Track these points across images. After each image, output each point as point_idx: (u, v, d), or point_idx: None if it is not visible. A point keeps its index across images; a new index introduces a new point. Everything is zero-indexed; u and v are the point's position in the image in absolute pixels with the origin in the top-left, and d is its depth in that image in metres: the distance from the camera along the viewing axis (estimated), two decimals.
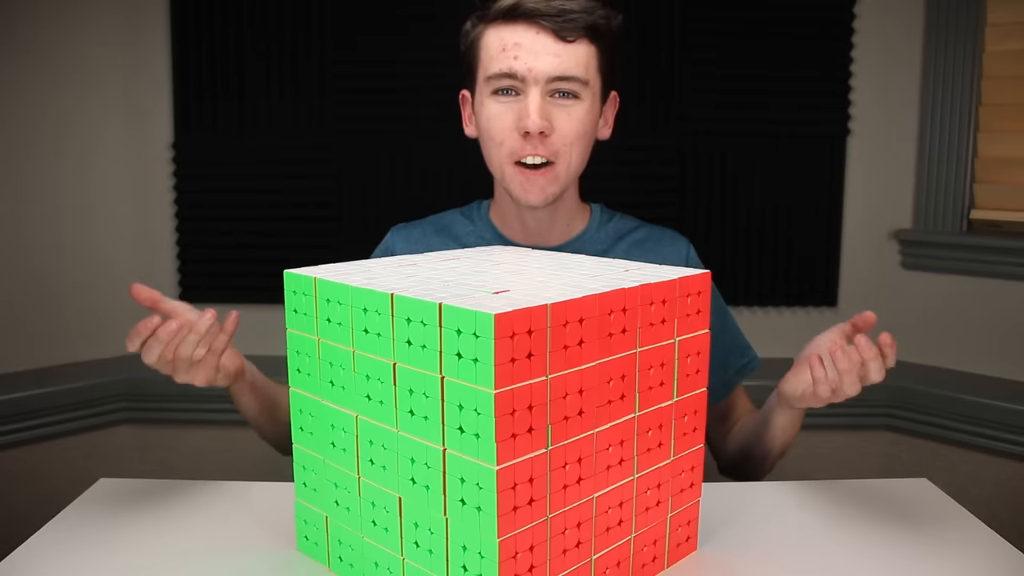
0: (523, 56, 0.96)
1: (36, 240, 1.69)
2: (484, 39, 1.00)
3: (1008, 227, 1.67)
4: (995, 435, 1.55)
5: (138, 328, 0.86)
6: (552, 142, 0.98)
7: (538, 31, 0.96)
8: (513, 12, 0.96)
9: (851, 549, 0.77)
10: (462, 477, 0.58)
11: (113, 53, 1.73)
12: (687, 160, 1.73)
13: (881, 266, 1.78)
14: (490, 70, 0.98)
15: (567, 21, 0.96)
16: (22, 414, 1.58)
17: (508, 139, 0.99)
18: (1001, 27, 1.64)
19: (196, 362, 0.87)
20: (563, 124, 0.98)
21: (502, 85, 0.98)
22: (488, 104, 1.00)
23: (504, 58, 0.97)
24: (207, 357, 0.88)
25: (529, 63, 0.96)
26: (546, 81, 0.96)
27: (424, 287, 0.62)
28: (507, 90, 0.98)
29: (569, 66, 0.96)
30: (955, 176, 1.69)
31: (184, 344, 0.86)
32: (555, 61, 0.96)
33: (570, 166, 1.01)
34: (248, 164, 1.75)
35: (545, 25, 0.95)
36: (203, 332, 0.86)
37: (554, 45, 0.96)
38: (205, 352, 0.87)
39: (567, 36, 0.96)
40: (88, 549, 0.76)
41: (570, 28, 0.96)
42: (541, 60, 0.96)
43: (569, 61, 0.96)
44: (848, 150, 1.75)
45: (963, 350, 1.71)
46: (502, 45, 0.97)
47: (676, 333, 0.68)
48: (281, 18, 1.70)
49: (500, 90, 0.98)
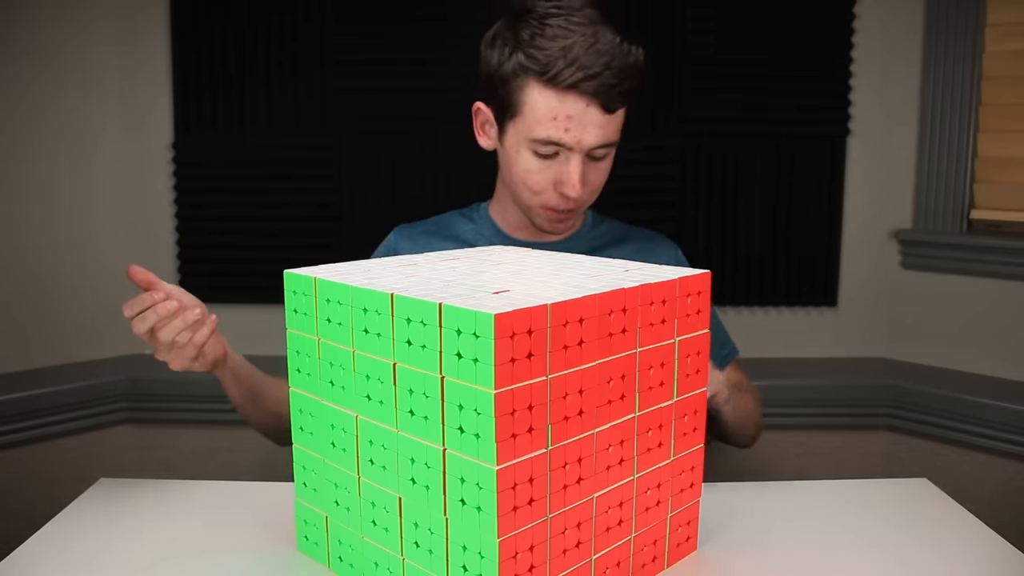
0: (573, 129, 1.00)
1: (35, 240, 1.69)
2: (530, 95, 1.00)
3: (1008, 227, 1.67)
4: (995, 435, 1.55)
5: (142, 299, 0.88)
6: (584, 194, 1.05)
7: (588, 103, 0.99)
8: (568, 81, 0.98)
9: (851, 549, 0.77)
10: (462, 477, 0.58)
11: (112, 53, 1.73)
12: (687, 160, 1.73)
13: (881, 266, 1.78)
14: (536, 133, 1.01)
15: (612, 97, 0.99)
16: (22, 414, 1.58)
17: (545, 192, 1.06)
18: (1001, 27, 1.64)
19: (176, 346, 0.90)
20: (593, 178, 1.06)
21: (546, 151, 1.02)
22: (527, 157, 1.04)
23: (554, 127, 1.00)
24: (187, 346, 0.91)
25: (578, 136, 1.00)
26: (589, 149, 1.02)
27: (424, 287, 0.62)
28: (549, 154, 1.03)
29: (609, 134, 1.02)
30: (955, 176, 1.69)
31: (168, 328, 0.89)
32: (600, 133, 1.01)
33: (591, 202, 1.11)
34: (248, 164, 1.75)
35: (596, 101, 0.99)
36: (190, 322, 0.90)
37: (600, 117, 1.00)
38: (187, 341, 0.91)
39: (612, 108, 1.00)
40: (88, 549, 0.76)
41: (616, 101, 1.00)
42: (588, 133, 1.00)
43: (610, 130, 1.02)
44: (848, 150, 1.75)
45: (963, 350, 1.71)
46: (552, 114, 0.99)
47: (676, 333, 0.68)
48: (281, 18, 1.70)
49: (542, 152, 1.03)
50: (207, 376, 1.21)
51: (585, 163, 1.03)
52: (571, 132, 1.00)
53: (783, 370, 1.71)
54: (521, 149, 1.04)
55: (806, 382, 1.69)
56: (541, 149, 1.02)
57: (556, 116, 0.99)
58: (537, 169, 1.04)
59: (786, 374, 1.69)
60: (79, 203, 1.73)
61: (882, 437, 1.70)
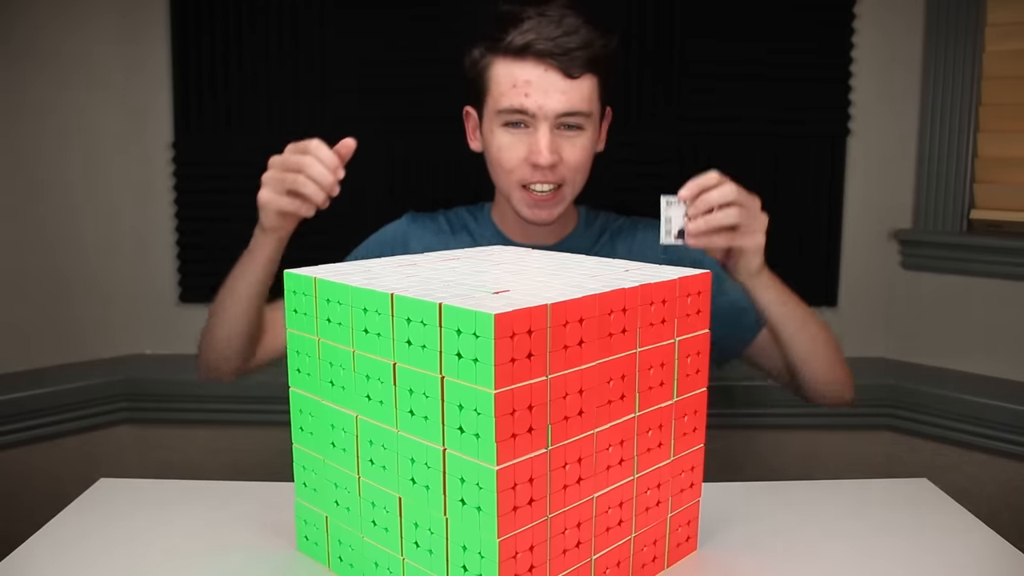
0: (533, 94, 1.02)
1: (35, 240, 1.69)
2: (494, 71, 1.05)
3: (1008, 227, 1.67)
4: (995, 435, 1.55)
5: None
6: (560, 170, 1.06)
7: (546, 68, 1.02)
8: (525, 50, 1.02)
9: (851, 549, 0.77)
10: (462, 477, 0.58)
11: (113, 52, 1.73)
12: (687, 160, 1.73)
13: (881, 266, 1.78)
14: (501, 104, 1.04)
15: (572, 59, 1.01)
16: (22, 414, 1.58)
17: (518, 168, 1.06)
18: (1001, 27, 1.64)
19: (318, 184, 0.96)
20: (569, 154, 1.06)
21: (512, 120, 1.05)
22: (499, 134, 1.06)
23: (515, 95, 1.02)
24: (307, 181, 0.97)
25: (539, 100, 1.02)
26: (555, 117, 1.03)
27: (424, 287, 0.62)
28: (517, 123, 1.05)
29: (575, 102, 1.03)
30: (955, 176, 1.69)
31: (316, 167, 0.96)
32: (563, 98, 1.02)
33: (575, 188, 1.10)
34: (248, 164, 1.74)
35: (552, 64, 1.01)
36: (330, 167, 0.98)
37: (562, 82, 1.02)
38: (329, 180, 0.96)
39: (573, 73, 1.02)
40: (88, 549, 0.76)
41: (576, 65, 1.02)
42: (550, 98, 1.02)
43: (575, 97, 1.03)
44: (848, 150, 1.75)
45: (963, 350, 1.70)
46: (512, 81, 1.03)
47: (676, 333, 0.68)
48: (281, 17, 1.70)
49: (511, 123, 1.05)
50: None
51: (556, 134, 1.04)
52: (531, 97, 1.02)
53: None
54: (494, 128, 1.07)
55: None
56: (509, 119, 1.04)
57: (516, 83, 1.02)
58: (508, 144, 1.06)
59: None
60: (79, 203, 1.73)
61: (882, 437, 1.70)
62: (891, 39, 1.71)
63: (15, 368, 1.68)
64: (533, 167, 1.05)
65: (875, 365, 1.76)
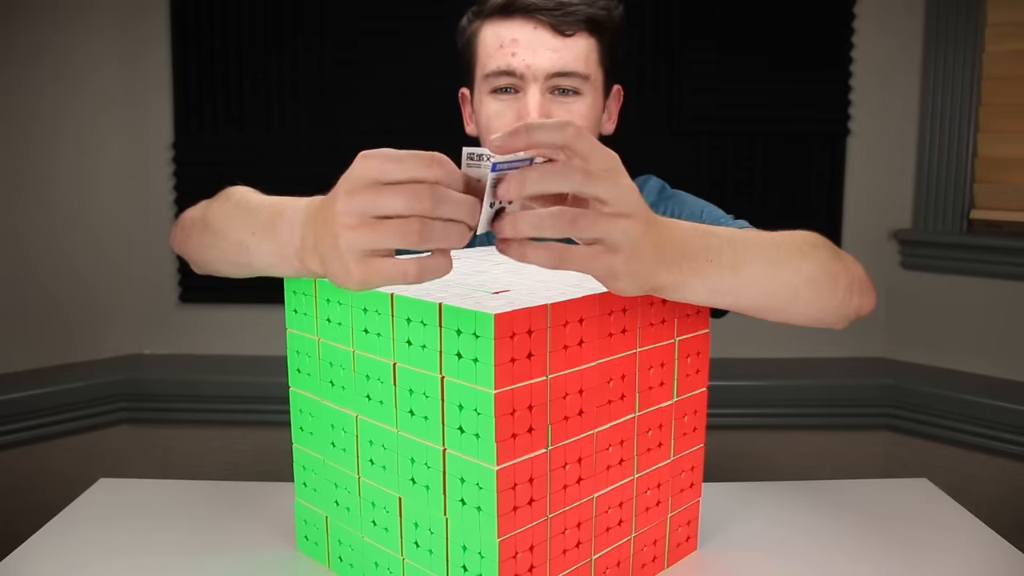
0: (521, 52, 0.93)
1: (35, 240, 1.69)
2: (481, 35, 0.98)
3: (1008, 227, 1.67)
4: (995, 435, 1.55)
5: None
6: None
7: (535, 26, 0.93)
8: (510, 7, 0.94)
9: (851, 549, 0.77)
10: (462, 477, 0.58)
11: (113, 53, 1.73)
12: (687, 160, 1.73)
13: (881, 266, 1.78)
14: (488, 68, 0.96)
15: (565, 15, 0.93)
16: (22, 414, 1.58)
17: None
18: (1001, 27, 1.64)
19: None
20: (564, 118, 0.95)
21: (500, 84, 0.96)
22: (487, 102, 0.98)
23: (502, 55, 0.94)
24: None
25: (527, 59, 0.93)
26: (545, 77, 0.94)
27: (424, 287, 0.62)
28: (506, 88, 0.96)
29: (568, 61, 0.94)
30: (955, 176, 1.69)
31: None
32: (554, 56, 0.93)
33: None
34: (248, 164, 1.75)
35: (543, 19, 0.93)
36: None
37: (552, 40, 0.93)
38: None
39: (566, 30, 0.94)
40: (88, 549, 0.76)
41: (569, 22, 0.93)
42: (539, 56, 0.93)
43: (568, 56, 0.94)
44: (848, 150, 1.75)
45: (963, 350, 1.70)
46: (499, 42, 0.95)
47: (676, 333, 0.68)
48: (281, 17, 1.70)
49: (499, 88, 0.96)
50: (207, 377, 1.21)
51: (549, 99, 0.95)
52: (519, 56, 0.93)
53: (783, 370, 1.71)
54: (483, 97, 0.98)
55: (806, 382, 1.69)
56: (498, 83, 0.95)
57: (503, 43, 0.94)
58: (497, 112, 0.96)
59: (786, 374, 1.69)
60: (80, 203, 1.73)
61: (882, 437, 1.69)
62: (891, 39, 1.71)
63: (15, 368, 1.68)
64: None
65: (875, 365, 1.76)
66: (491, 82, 0.96)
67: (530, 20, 0.94)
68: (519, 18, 0.94)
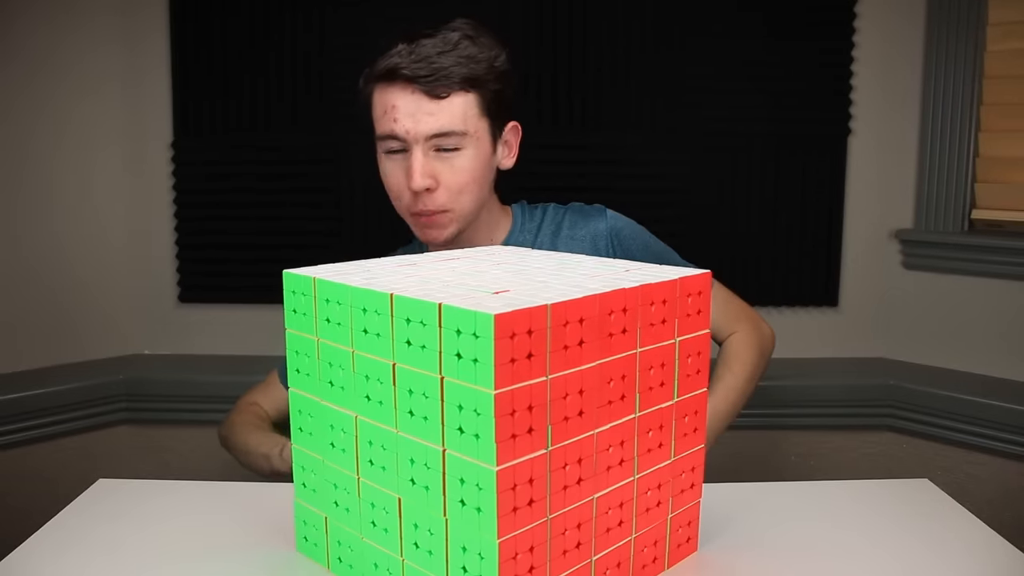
0: (401, 119, 1.01)
1: (35, 240, 1.69)
2: (373, 99, 1.06)
3: (1009, 227, 1.67)
4: (995, 435, 1.55)
5: None
6: (439, 196, 1.04)
7: (412, 91, 1.01)
8: (391, 75, 1.02)
9: (851, 550, 0.77)
10: (462, 478, 0.57)
11: (112, 53, 1.73)
12: (687, 162, 1.73)
13: (881, 266, 1.78)
14: (378, 131, 1.05)
15: (438, 79, 1.00)
16: (22, 414, 1.58)
17: (402, 194, 1.06)
18: (1002, 26, 1.63)
19: None
20: (447, 177, 1.04)
21: (390, 147, 1.04)
22: (383, 161, 1.07)
23: (386, 121, 1.03)
24: None
25: (407, 125, 1.01)
26: (425, 139, 1.02)
27: (424, 287, 0.62)
28: (396, 149, 1.04)
29: (444, 123, 1.01)
30: (956, 176, 1.69)
31: None
32: (431, 120, 1.01)
33: (463, 211, 1.07)
34: (248, 164, 1.75)
35: (418, 87, 1.00)
36: None
37: (429, 104, 1.01)
38: None
39: (440, 92, 1.00)
40: (87, 549, 0.76)
41: (443, 85, 1.00)
42: (418, 121, 1.01)
43: (443, 118, 1.01)
44: (848, 150, 1.75)
45: (963, 350, 1.70)
46: (383, 108, 1.03)
47: (676, 333, 0.68)
48: (281, 17, 1.70)
49: (390, 150, 1.05)
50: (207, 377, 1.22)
51: (433, 156, 1.03)
52: (400, 122, 1.01)
53: (783, 370, 1.70)
54: (380, 155, 1.07)
55: (806, 382, 1.69)
56: (388, 146, 1.04)
57: (386, 110, 1.02)
58: (390, 170, 1.06)
59: (786, 374, 1.69)
60: (79, 203, 1.73)
61: (882, 437, 1.69)
62: (892, 39, 1.71)
63: (15, 368, 1.68)
64: (413, 194, 1.04)
65: (875, 365, 1.76)
66: (383, 144, 1.05)
67: (408, 86, 1.01)
68: (399, 84, 1.02)
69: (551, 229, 1.16)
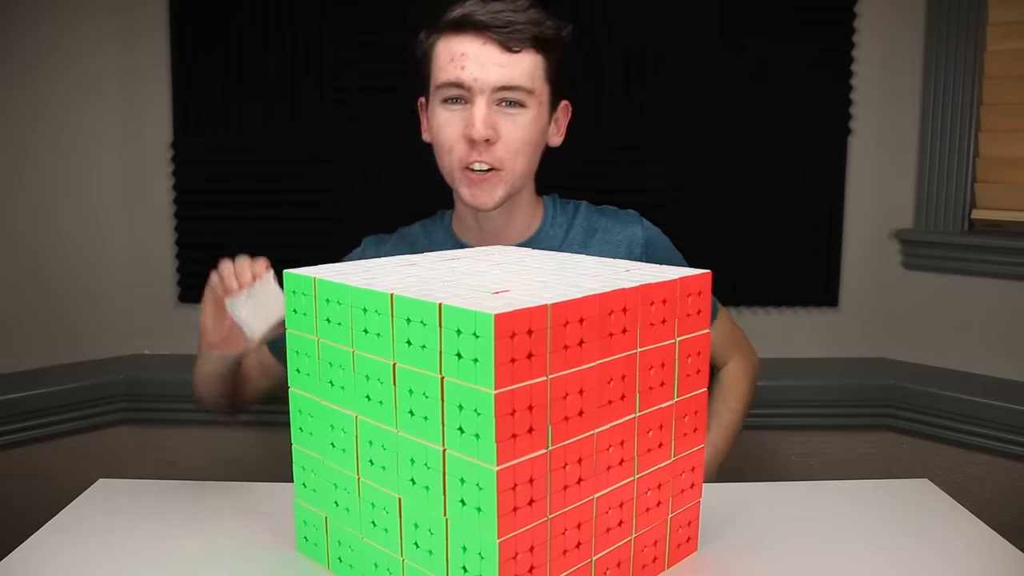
0: (470, 66, 1.00)
1: (35, 239, 1.69)
2: (435, 49, 1.04)
3: (1009, 227, 1.67)
4: (995, 435, 1.55)
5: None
6: (497, 150, 1.02)
7: (484, 41, 1.00)
8: (461, 23, 1.01)
9: (851, 549, 0.77)
10: (462, 477, 0.57)
11: (112, 53, 1.73)
12: (687, 161, 1.73)
13: (882, 266, 1.78)
14: (439, 79, 1.03)
15: (513, 32, 1.00)
16: (22, 414, 1.58)
17: (456, 146, 1.03)
18: (1002, 26, 1.63)
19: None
20: (508, 132, 1.02)
21: (451, 94, 1.03)
22: (438, 112, 1.04)
23: (452, 68, 1.01)
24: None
25: (475, 73, 1.00)
26: (492, 90, 1.00)
27: (424, 287, 0.62)
28: (456, 99, 1.03)
29: (514, 76, 1.01)
30: (956, 176, 1.69)
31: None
32: (500, 71, 1.00)
33: (516, 172, 1.05)
34: (248, 164, 1.75)
35: (491, 36, 1.00)
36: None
37: (500, 55, 1.00)
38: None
39: (513, 46, 1.00)
40: (87, 549, 0.76)
41: (516, 39, 1.00)
42: (487, 70, 1.00)
43: (514, 71, 1.01)
44: (849, 150, 1.74)
45: (963, 350, 1.70)
46: (451, 55, 1.02)
47: (676, 333, 0.68)
48: (281, 17, 1.70)
49: (449, 99, 1.03)
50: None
51: (495, 110, 1.01)
52: (467, 70, 1.00)
53: (783, 370, 1.70)
54: (435, 107, 1.05)
55: (806, 382, 1.69)
56: (448, 94, 1.02)
57: (453, 57, 1.01)
58: (446, 121, 1.03)
59: (786, 374, 1.69)
60: (79, 203, 1.73)
61: (882, 437, 1.69)
62: (892, 39, 1.71)
63: (15, 368, 1.68)
64: (470, 144, 1.01)
65: (875, 365, 1.76)
66: (442, 92, 1.03)
67: (480, 36, 1.00)
68: (470, 34, 1.01)
69: (584, 228, 1.15)
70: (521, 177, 1.06)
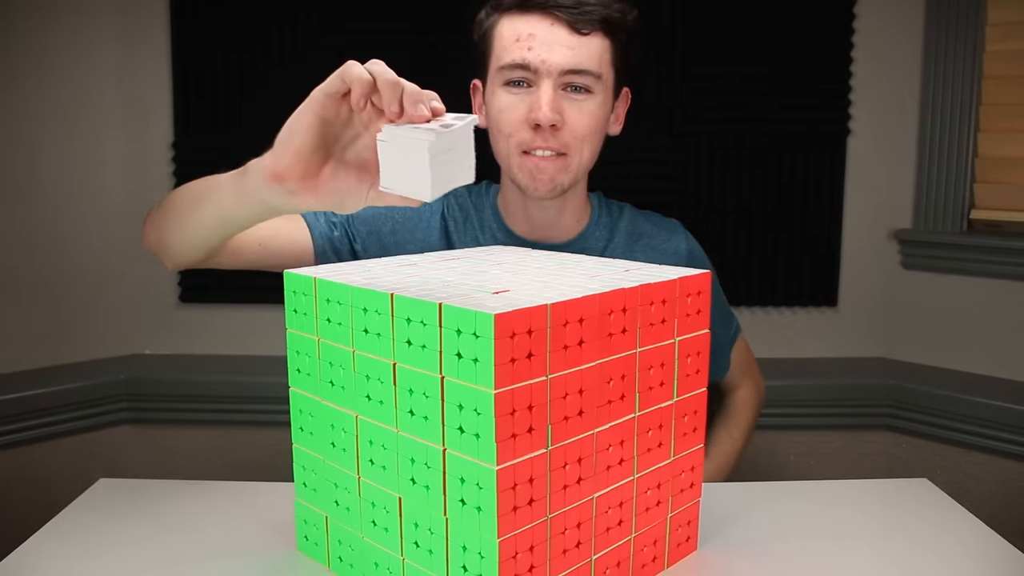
0: (537, 47, 0.94)
1: (35, 240, 1.69)
2: (498, 28, 0.98)
3: (1008, 227, 1.67)
4: (995, 435, 1.55)
5: None
6: (563, 135, 0.96)
7: (552, 22, 0.94)
8: (528, 2, 0.95)
9: (851, 549, 0.77)
10: (462, 477, 0.58)
11: (112, 52, 1.73)
12: (687, 162, 1.73)
13: (881, 266, 1.78)
14: (503, 60, 0.96)
15: (582, 13, 0.94)
16: (22, 414, 1.58)
17: (518, 131, 0.97)
18: (1001, 26, 1.64)
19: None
20: (575, 118, 0.96)
21: (514, 76, 0.96)
22: (499, 95, 0.98)
23: (517, 49, 0.95)
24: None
25: (543, 55, 0.94)
26: (559, 74, 0.94)
27: (424, 287, 0.62)
28: (519, 82, 0.96)
29: (582, 59, 0.95)
30: (955, 176, 1.69)
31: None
32: (569, 54, 0.94)
33: (581, 160, 0.99)
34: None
35: (560, 16, 0.94)
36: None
37: (568, 37, 0.94)
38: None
39: (582, 28, 0.94)
40: (87, 549, 0.76)
41: (585, 20, 0.94)
42: (555, 52, 0.94)
43: (583, 54, 0.95)
44: (848, 150, 1.75)
45: (963, 350, 1.70)
46: (516, 35, 0.95)
47: (676, 333, 0.68)
48: (281, 17, 1.70)
49: (512, 81, 0.97)
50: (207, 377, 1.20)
51: (561, 95, 0.95)
52: (535, 51, 0.94)
53: (783, 370, 1.71)
54: (496, 89, 0.98)
55: (806, 382, 1.69)
56: (511, 76, 0.96)
57: (519, 37, 0.95)
58: (508, 104, 0.97)
59: (786, 374, 1.69)
60: (79, 203, 1.73)
61: (882, 437, 1.70)
62: (891, 39, 1.71)
63: (15, 368, 1.68)
64: (534, 129, 0.95)
65: (875, 365, 1.76)
66: (505, 75, 0.97)
67: (547, 16, 0.94)
68: (536, 13, 0.95)
69: (628, 231, 1.11)
70: (585, 167, 1.01)
